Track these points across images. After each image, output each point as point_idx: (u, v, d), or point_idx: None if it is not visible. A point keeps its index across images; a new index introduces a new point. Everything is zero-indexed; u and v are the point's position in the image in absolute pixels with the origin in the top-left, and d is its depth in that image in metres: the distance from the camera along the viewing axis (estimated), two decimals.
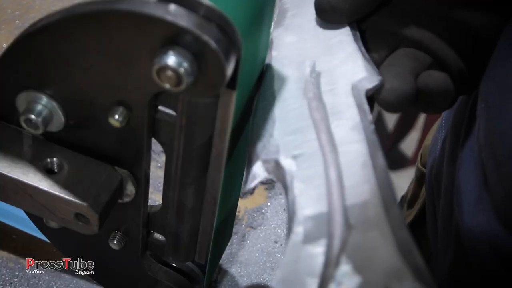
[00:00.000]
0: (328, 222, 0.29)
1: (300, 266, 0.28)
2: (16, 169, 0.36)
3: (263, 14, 0.35)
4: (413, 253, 0.26)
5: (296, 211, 0.30)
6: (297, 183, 0.32)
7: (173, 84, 0.29)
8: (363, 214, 0.29)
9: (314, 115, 0.34)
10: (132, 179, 0.38)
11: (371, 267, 0.26)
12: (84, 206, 0.35)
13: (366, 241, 0.27)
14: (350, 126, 0.33)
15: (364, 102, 0.35)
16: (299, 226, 0.30)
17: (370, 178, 0.30)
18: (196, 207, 0.40)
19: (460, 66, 0.41)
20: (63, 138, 0.37)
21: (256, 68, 0.38)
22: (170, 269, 0.48)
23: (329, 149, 0.32)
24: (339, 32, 0.40)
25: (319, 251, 0.28)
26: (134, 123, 0.34)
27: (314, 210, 0.30)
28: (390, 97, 0.37)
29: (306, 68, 0.38)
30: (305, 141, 0.33)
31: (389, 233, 0.27)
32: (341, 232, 0.28)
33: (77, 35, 0.30)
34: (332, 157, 0.32)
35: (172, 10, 0.28)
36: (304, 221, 0.30)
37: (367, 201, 0.29)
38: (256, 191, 0.66)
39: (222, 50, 0.28)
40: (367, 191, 0.29)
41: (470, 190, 0.43)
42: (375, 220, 0.28)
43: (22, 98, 0.35)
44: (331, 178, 0.31)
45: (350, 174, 0.31)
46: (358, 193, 0.30)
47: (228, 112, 0.33)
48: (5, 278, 0.54)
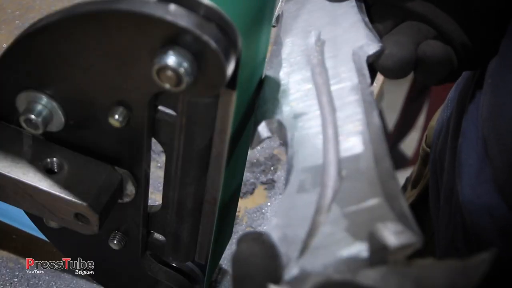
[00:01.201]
0: (322, 174, 0.31)
1: (294, 213, 0.29)
2: (16, 169, 0.36)
3: (263, 14, 0.35)
4: (399, 200, 0.28)
5: (294, 165, 0.33)
6: (297, 140, 0.34)
7: (173, 84, 0.29)
8: (355, 166, 0.31)
9: (316, 79, 0.37)
10: (132, 179, 0.38)
11: (358, 213, 0.28)
12: (84, 206, 0.35)
13: (355, 190, 0.29)
14: (349, 88, 0.36)
15: (364, 67, 0.37)
16: (295, 178, 0.32)
17: (364, 135, 0.32)
18: (196, 207, 0.40)
19: (464, 40, 0.42)
20: (63, 138, 0.37)
21: (257, 68, 0.38)
22: (170, 269, 0.48)
23: (328, 109, 0.35)
24: (345, 4, 0.43)
25: (312, 199, 0.30)
26: (134, 123, 0.34)
27: (310, 163, 0.32)
28: (388, 62, 0.39)
29: (312, 37, 0.40)
30: (306, 102, 0.36)
31: (378, 182, 0.29)
32: (333, 182, 0.30)
33: (77, 35, 0.30)
34: (330, 117, 0.34)
35: (172, 10, 0.28)
36: (300, 173, 0.32)
37: (359, 155, 0.31)
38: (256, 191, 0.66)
39: (222, 50, 0.28)
40: (360, 146, 0.32)
41: (471, 164, 0.44)
42: (366, 171, 0.30)
43: (22, 98, 0.35)
44: (329, 135, 0.33)
45: (345, 132, 0.33)
46: (351, 148, 0.32)
47: (228, 112, 0.33)
48: (5, 278, 0.54)
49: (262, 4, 0.34)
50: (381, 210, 0.28)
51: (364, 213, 0.28)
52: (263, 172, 0.69)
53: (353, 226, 0.27)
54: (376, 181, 0.29)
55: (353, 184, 0.30)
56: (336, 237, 0.27)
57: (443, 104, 0.61)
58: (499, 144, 0.40)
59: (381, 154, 0.31)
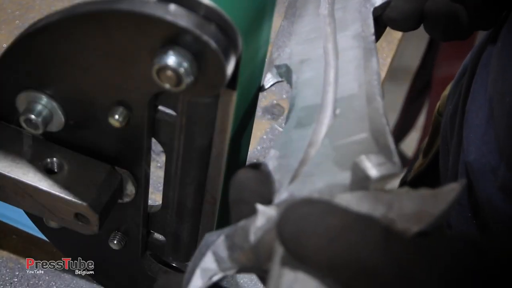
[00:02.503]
0: (319, 112, 0.33)
1: (290, 145, 0.32)
2: (16, 169, 0.36)
3: (263, 14, 0.35)
4: (385, 135, 0.30)
5: (295, 104, 0.35)
6: (301, 82, 0.37)
7: (173, 84, 0.29)
8: (349, 105, 0.33)
9: (325, 29, 0.40)
10: (132, 179, 0.38)
11: (346, 146, 0.30)
12: (84, 206, 0.35)
13: (346, 126, 0.31)
14: (352, 36, 0.39)
15: (369, 17, 0.40)
16: (295, 115, 0.35)
17: (359, 77, 0.35)
18: (196, 207, 0.40)
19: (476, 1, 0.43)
20: (63, 138, 0.37)
21: (257, 68, 0.38)
22: (170, 269, 0.48)
23: (332, 56, 0.37)
24: None
25: (307, 134, 0.32)
26: (134, 123, 0.34)
27: (310, 102, 0.35)
28: (393, 13, 0.42)
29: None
30: (313, 49, 0.39)
31: (367, 119, 0.31)
32: (328, 119, 0.32)
33: (77, 35, 0.30)
34: (333, 61, 0.37)
35: (172, 10, 0.28)
36: (299, 110, 0.35)
37: (353, 95, 0.33)
38: None
39: (222, 50, 0.28)
40: (355, 87, 0.34)
41: (478, 124, 0.46)
42: (358, 110, 0.32)
43: (22, 98, 0.35)
44: (329, 78, 0.35)
45: (344, 74, 0.36)
46: (347, 89, 0.34)
47: (228, 112, 0.33)
48: (5, 278, 0.54)
49: (262, 4, 0.34)
50: (367, 143, 0.30)
51: (351, 146, 0.30)
52: None
53: (340, 158, 0.30)
54: (366, 118, 0.31)
55: (345, 121, 0.32)
56: (324, 167, 0.29)
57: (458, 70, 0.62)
58: (502, 104, 0.42)
59: (373, 94, 0.33)
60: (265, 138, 0.74)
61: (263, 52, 0.38)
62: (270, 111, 0.78)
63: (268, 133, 0.75)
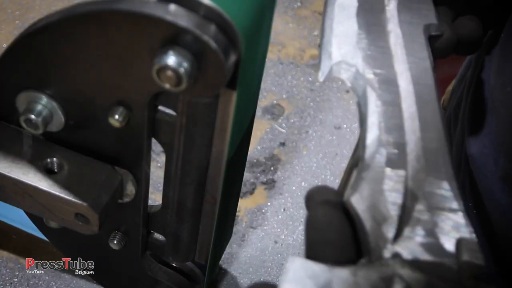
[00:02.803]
0: (404, 153, 0.31)
1: (384, 186, 0.29)
2: (16, 169, 0.36)
3: (263, 14, 0.35)
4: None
5: (372, 129, 0.32)
6: (378, 102, 0.34)
7: (173, 84, 0.28)
8: (428, 150, 0.31)
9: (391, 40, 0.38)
10: (132, 179, 0.38)
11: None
12: (84, 206, 0.35)
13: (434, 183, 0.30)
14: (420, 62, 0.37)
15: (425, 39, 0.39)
16: (381, 148, 0.31)
17: (436, 117, 0.33)
18: (196, 207, 0.40)
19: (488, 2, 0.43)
20: (63, 138, 0.37)
21: (257, 68, 0.38)
22: (170, 269, 0.48)
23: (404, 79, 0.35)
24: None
25: (401, 177, 0.30)
26: (134, 123, 0.34)
27: (393, 138, 0.32)
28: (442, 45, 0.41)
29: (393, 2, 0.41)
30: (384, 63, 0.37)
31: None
32: (415, 169, 0.30)
33: (77, 35, 0.30)
34: (406, 87, 0.34)
35: (172, 10, 0.28)
36: (385, 144, 0.32)
37: (432, 137, 0.32)
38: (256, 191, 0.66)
39: (222, 50, 0.28)
40: (435, 130, 0.32)
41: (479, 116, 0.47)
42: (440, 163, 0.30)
43: (22, 98, 0.35)
44: (406, 109, 0.33)
45: (422, 108, 0.34)
46: (429, 127, 0.32)
47: (228, 112, 0.33)
48: (5, 278, 0.54)
49: (262, 4, 0.34)
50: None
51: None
52: (263, 172, 0.69)
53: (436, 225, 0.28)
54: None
55: (431, 174, 0.30)
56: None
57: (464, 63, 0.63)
58: (503, 95, 0.43)
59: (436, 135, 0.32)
60: (265, 138, 0.74)
61: (263, 52, 0.38)
62: (270, 111, 0.78)
63: (268, 133, 0.75)
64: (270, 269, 0.58)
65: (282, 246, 0.60)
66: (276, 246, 0.60)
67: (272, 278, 0.57)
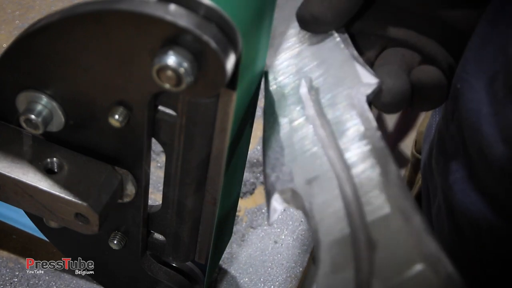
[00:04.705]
0: (352, 244, 0.29)
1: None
2: (16, 169, 0.36)
3: (263, 14, 0.35)
4: (442, 261, 0.26)
5: (320, 238, 0.30)
6: (316, 208, 0.31)
7: (173, 84, 0.29)
8: (385, 229, 0.28)
9: (320, 133, 0.34)
10: (132, 179, 0.38)
11: (403, 284, 0.26)
12: (84, 206, 0.35)
13: (392, 258, 0.27)
14: (356, 139, 0.33)
15: (366, 109, 0.34)
16: (325, 255, 0.29)
17: (385, 190, 0.30)
18: (196, 207, 0.40)
19: (449, 61, 0.41)
20: (63, 138, 0.37)
21: (257, 68, 0.38)
22: (170, 269, 0.48)
23: (340, 166, 0.32)
24: (329, 40, 0.40)
25: (350, 277, 0.28)
26: (134, 123, 0.34)
27: (337, 234, 0.30)
28: (388, 97, 0.37)
29: (303, 87, 0.37)
30: (315, 162, 0.33)
31: (414, 245, 0.27)
32: (367, 253, 0.28)
33: (77, 35, 0.30)
34: (345, 175, 0.31)
35: (172, 10, 0.28)
36: (329, 248, 0.29)
37: (386, 215, 0.29)
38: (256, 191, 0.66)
39: (222, 50, 0.28)
40: (384, 203, 0.29)
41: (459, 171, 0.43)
42: (397, 233, 0.28)
43: (22, 98, 0.35)
44: (348, 197, 0.30)
45: (365, 189, 0.30)
46: (376, 208, 0.29)
47: (228, 112, 0.33)
48: (5, 278, 0.54)
49: (262, 4, 0.34)
50: (425, 277, 0.26)
51: (409, 284, 0.26)
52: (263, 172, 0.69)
53: None
54: (411, 243, 0.27)
55: (388, 251, 0.28)
56: None
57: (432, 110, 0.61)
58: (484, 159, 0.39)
59: (409, 209, 0.28)
60: None
61: (263, 52, 0.38)
62: None
63: None
64: (270, 269, 0.58)
65: (282, 246, 0.60)
66: (276, 246, 0.60)
67: (272, 278, 0.57)
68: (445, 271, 0.26)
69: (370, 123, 0.33)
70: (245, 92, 0.36)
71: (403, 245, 0.27)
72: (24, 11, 0.80)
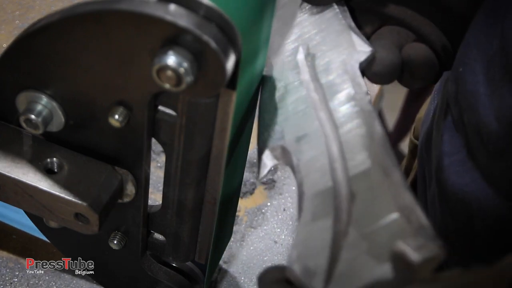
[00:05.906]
0: (334, 196, 0.30)
1: (312, 242, 0.29)
2: (16, 169, 0.36)
3: (263, 15, 0.35)
4: (415, 212, 0.27)
5: (305, 191, 0.32)
6: (303, 163, 0.33)
7: (173, 84, 0.29)
8: (365, 182, 0.30)
9: (312, 96, 0.36)
10: (132, 179, 0.38)
11: (376, 232, 0.27)
12: (84, 206, 0.35)
13: (369, 208, 0.29)
14: (345, 100, 0.35)
15: (358, 75, 0.36)
16: (308, 205, 0.31)
17: (368, 148, 0.31)
18: (196, 207, 0.40)
19: (443, 42, 0.42)
20: (63, 138, 0.37)
21: (257, 68, 0.38)
22: (170, 269, 0.48)
23: (329, 126, 0.34)
24: (328, 11, 0.41)
25: (328, 225, 0.29)
26: (134, 123, 0.34)
27: (321, 187, 0.31)
28: (379, 67, 0.39)
29: (301, 53, 0.39)
30: (306, 122, 0.35)
31: (390, 197, 0.28)
32: (347, 204, 0.29)
33: (77, 35, 0.30)
34: (333, 134, 0.33)
35: (172, 10, 0.28)
36: (312, 199, 0.31)
37: (367, 170, 0.30)
38: (256, 191, 0.66)
39: (222, 50, 0.28)
40: (366, 159, 0.31)
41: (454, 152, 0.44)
42: (377, 187, 0.29)
43: (22, 98, 0.35)
44: (334, 154, 0.32)
45: (350, 146, 0.32)
46: (359, 163, 0.31)
47: (228, 112, 0.33)
48: (5, 278, 0.54)
49: (262, 4, 0.34)
50: (399, 225, 0.27)
51: (382, 232, 0.27)
52: None
53: (373, 247, 0.27)
54: (389, 196, 0.28)
55: (366, 202, 0.29)
56: (359, 261, 0.27)
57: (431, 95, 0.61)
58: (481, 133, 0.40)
59: (389, 166, 0.30)
60: None
61: (263, 52, 0.38)
62: None
63: None
64: None
65: (282, 246, 0.60)
66: (276, 246, 0.60)
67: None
68: (418, 221, 0.27)
69: (361, 88, 0.35)
70: (245, 92, 0.36)
71: (381, 197, 0.29)
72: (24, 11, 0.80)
